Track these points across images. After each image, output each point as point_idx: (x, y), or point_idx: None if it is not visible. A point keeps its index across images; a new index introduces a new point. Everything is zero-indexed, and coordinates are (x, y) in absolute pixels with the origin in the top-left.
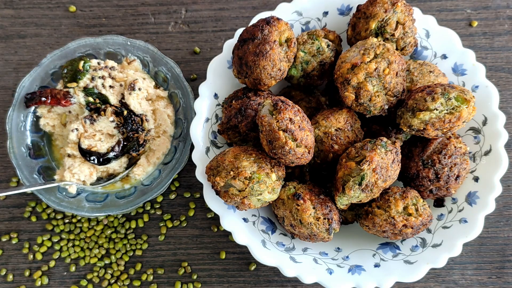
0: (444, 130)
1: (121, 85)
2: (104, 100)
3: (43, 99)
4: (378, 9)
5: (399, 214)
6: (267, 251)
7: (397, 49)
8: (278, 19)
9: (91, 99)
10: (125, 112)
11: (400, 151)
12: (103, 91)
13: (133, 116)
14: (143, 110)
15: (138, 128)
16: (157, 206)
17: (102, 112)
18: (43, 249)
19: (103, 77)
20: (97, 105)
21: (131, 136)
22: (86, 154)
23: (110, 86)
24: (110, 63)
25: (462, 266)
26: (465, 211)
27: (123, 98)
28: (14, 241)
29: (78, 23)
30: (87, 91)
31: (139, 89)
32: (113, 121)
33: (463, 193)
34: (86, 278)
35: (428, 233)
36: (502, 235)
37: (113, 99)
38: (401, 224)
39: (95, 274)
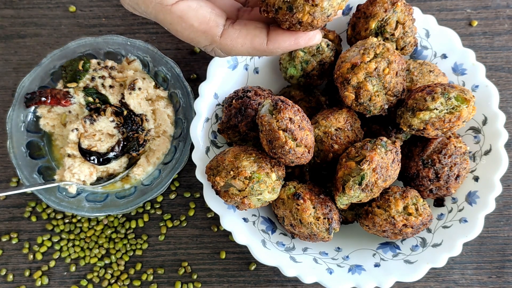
0: (444, 129)
1: (121, 85)
2: (104, 100)
3: (43, 99)
4: (378, 8)
5: (399, 214)
6: (267, 251)
7: (397, 48)
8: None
9: (91, 99)
10: (125, 112)
11: (400, 150)
12: (103, 91)
13: (133, 116)
14: (143, 110)
15: (138, 128)
16: (157, 206)
17: (102, 112)
18: (43, 249)
19: (103, 77)
20: (97, 105)
21: (131, 136)
22: (86, 154)
23: (110, 86)
24: (110, 63)
25: (462, 266)
26: (465, 210)
27: (123, 98)
28: (14, 241)
29: (78, 23)
30: (87, 91)
31: (139, 89)
32: (113, 121)
33: (463, 193)
34: (86, 278)
35: (428, 232)
36: (502, 235)
37: (113, 99)
38: (401, 224)
39: (95, 274)
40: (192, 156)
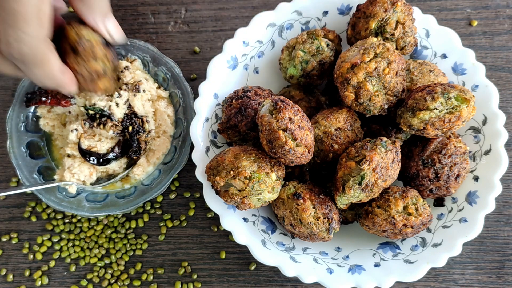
0: (444, 129)
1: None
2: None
3: (43, 99)
4: (378, 8)
5: (399, 214)
6: (267, 251)
7: (397, 48)
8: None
9: (91, 112)
10: (130, 128)
11: (400, 150)
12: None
13: (134, 118)
14: (146, 111)
15: (139, 130)
16: (157, 206)
17: (101, 126)
18: (43, 249)
19: None
20: (97, 119)
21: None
22: (85, 154)
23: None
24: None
25: (462, 266)
26: (465, 210)
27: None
28: (14, 241)
29: None
30: (89, 108)
31: (144, 90)
32: (113, 133)
33: (463, 193)
34: (86, 278)
35: (428, 232)
36: (502, 235)
37: (119, 112)
38: (401, 224)
39: (95, 274)
40: (192, 156)
